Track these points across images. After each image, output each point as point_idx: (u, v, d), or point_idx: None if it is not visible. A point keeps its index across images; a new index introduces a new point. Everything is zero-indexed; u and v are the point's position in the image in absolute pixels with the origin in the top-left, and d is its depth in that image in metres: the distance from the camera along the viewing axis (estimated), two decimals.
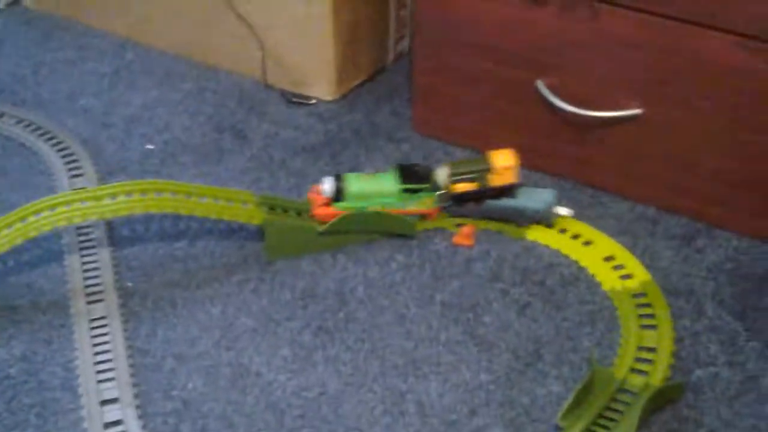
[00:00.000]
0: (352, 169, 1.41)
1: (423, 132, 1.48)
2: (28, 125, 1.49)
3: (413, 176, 1.26)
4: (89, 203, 1.16)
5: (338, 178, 1.24)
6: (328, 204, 1.25)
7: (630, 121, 1.27)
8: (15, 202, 1.30)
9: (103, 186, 1.19)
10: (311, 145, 1.47)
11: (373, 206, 1.25)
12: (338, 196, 1.24)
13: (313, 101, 1.56)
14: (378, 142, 1.47)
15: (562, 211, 1.28)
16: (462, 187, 1.25)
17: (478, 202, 1.27)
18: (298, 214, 1.26)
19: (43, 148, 1.44)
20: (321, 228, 1.24)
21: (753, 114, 1.19)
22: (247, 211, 1.23)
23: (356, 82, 1.60)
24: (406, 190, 1.25)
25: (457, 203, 1.27)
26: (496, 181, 1.25)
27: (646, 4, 1.19)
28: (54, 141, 1.46)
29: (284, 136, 1.49)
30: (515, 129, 1.38)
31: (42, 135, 1.47)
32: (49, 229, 1.15)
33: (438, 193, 1.26)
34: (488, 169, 1.24)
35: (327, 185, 1.24)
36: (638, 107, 1.25)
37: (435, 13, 1.37)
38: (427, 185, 1.26)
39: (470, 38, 1.35)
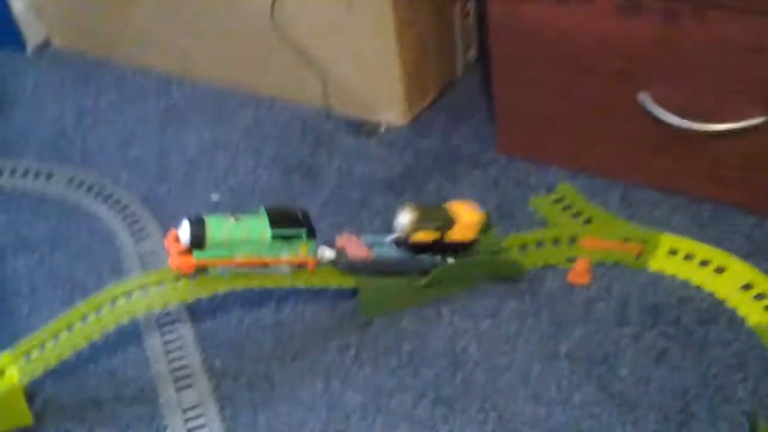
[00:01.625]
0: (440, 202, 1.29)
1: (510, 153, 1.35)
2: (81, 184, 1.38)
3: (284, 221, 1.07)
4: (167, 285, 1.05)
5: (198, 222, 1.03)
6: (186, 253, 1.03)
7: (751, 131, 1.14)
8: (81, 276, 1.23)
9: None
10: (390, 178, 1.34)
11: (240, 255, 1.05)
12: (199, 243, 1.03)
13: (383, 129, 1.44)
14: (462, 169, 1.34)
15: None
16: (421, 236, 1.11)
17: (434, 253, 1.14)
18: None
19: (101, 210, 1.33)
20: (421, 282, 1.13)
21: None
22: (339, 274, 1.11)
23: (426, 102, 1.47)
24: (277, 237, 1.06)
25: (413, 251, 1.13)
26: (456, 235, 1.12)
27: (759, 5, 1.06)
28: (111, 201, 1.34)
29: (359, 171, 1.36)
30: (616, 145, 1.25)
31: (97, 195, 1.36)
32: (129, 318, 1.04)
33: (391, 238, 1.13)
34: (451, 222, 1.11)
35: (183, 232, 1.03)
36: (760, 115, 1.12)
37: (513, 27, 1.24)
38: (301, 231, 1.07)
39: (556, 49, 1.22)
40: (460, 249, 1.14)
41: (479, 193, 1.29)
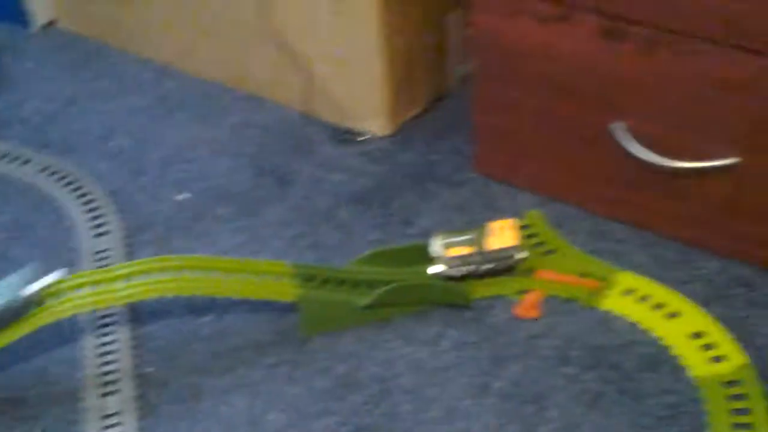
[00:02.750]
0: (405, 220, 1.25)
1: (486, 175, 1.31)
2: (54, 174, 1.37)
3: None
4: (103, 286, 1.04)
5: None
6: None
7: (724, 171, 1.08)
8: None
9: (119, 265, 1.08)
10: (360, 192, 1.31)
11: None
12: None
13: (364, 137, 1.40)
14: (435, 187, 1.30)
15: (48, 280, 1.04)
16: (457, 251, 1.12)
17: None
18: (340, 283, 1.11)
19: (69, 201, 1.32)
20: (364, 302, 1.10)
21: None
22: (280, 287, 1.09)
23: (412, 114, 1.43)
24: None
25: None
26: (494, 244, 1.12)
27: (741, 41, 1.00)
28: (80, 192, 1.33)
29: (331, 181, 1.33)
30: (588, 176, 1.21)
31: (68, 185, 1.34)
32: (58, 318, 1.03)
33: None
34: (481, 232, 1.13)
35: None
36: (734, 156, 1.07)
37: (496, 45, 1.20)
38: None
39: (535, 69, 1.18)
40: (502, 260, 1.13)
41: (447, 213, 1.26)
